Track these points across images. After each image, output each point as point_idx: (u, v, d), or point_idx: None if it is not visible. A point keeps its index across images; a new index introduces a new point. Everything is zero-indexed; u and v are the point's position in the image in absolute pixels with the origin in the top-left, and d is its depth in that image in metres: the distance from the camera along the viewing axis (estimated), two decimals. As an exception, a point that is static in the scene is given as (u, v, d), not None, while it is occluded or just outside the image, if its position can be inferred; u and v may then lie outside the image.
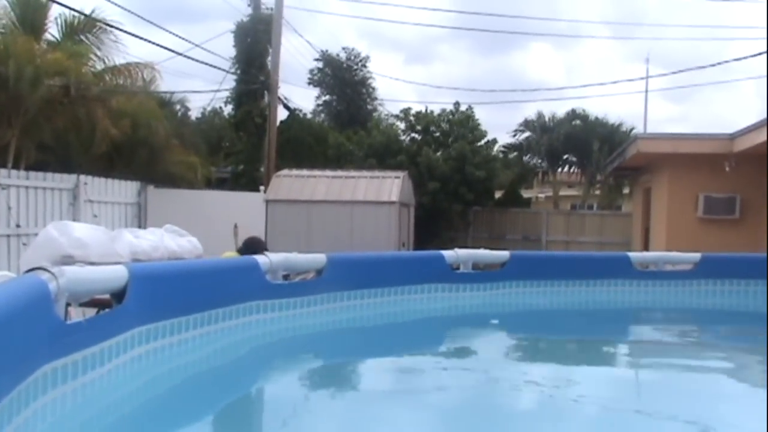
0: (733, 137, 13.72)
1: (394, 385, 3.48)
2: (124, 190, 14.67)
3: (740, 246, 12.98)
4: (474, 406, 3.02)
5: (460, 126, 21.06)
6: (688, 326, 5.79)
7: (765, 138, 12.04)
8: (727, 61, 31.77)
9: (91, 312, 3.27)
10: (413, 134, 21.63)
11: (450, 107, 21.76)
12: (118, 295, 2.94)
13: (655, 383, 3.79)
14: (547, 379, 3.82)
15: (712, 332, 5.51)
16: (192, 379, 3.32)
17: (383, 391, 3.37)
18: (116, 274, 2.94)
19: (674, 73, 34.73)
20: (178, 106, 20.08)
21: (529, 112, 28.89)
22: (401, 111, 22.26)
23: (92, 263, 5.24)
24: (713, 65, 28.55)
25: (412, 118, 21.77)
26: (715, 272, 5.88)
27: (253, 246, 7.19)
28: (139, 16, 15.48)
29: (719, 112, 49.11)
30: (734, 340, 5.10)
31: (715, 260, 6.01)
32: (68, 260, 5.91)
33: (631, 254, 5.98)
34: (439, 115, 21.64)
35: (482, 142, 21.36)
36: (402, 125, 22.08)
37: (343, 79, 25.06)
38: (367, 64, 25.69)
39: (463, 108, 21.66)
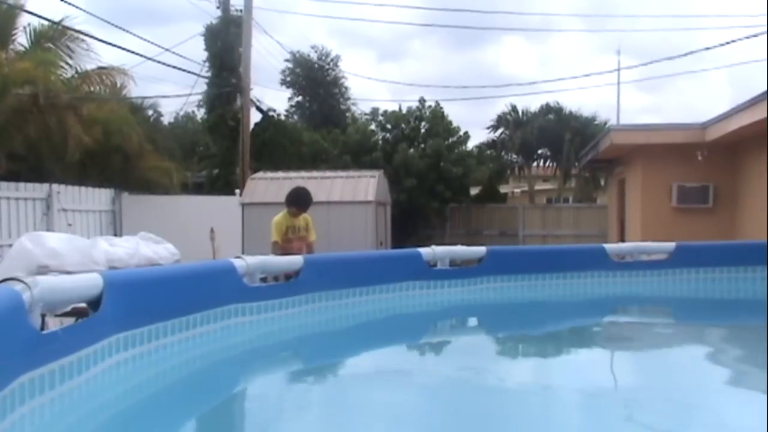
0: (704, 126, 13.89)
1: (375, 385, 3.49)
2: (98, 197, 14.55)
3: (714, 234, 13.15)
4: (456, 403, 3.04)
5: (431, 123, 21.13)
6: (664, 314, 5.87)
7: (735, 127, 12.20)
8: (697, 51, 32.21)
9: (68, 321, 3.24)
10: (385, 133, 21.68)
11: (414, 104, 21.86)
12: (94, 304, 2.91)
13: (634, 372, 3.84)
14: (527, 372, 3.86)
15: (689, 319, 5.58)
16: (171, 385, 3.30)
17: (363, 391, 3.37)
18: (91, 283, 2.91)
19: (645, 64, 35.10)
20: (150, 112, 19.93)
21: (503, 107, 29.04)
22: (371, 111, 22.32)
23: (68, 272, 5.20)
24: (684, 55, 28.93)
25: (381, 117, 21.83)
26: (689, 261, 5.95)
27: (295, 197, 7.26)
28: (107, 21, 15.40)
29: (691, 101, 49.76)
30: (711, 326, 5.18)
31: (690, 249, 6.09)
32: (43, 270, 5.87)
33: (607, 246, 6.04)
34: (406, 112, 21.69)
35: (455, 138, 21.44)
36: (373, 125, 22.14)
37: (315, 79, 25.02)
38: (339, 64, 25.67)
39: (431, 104, 21.74)
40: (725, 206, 14.38)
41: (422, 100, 21.74)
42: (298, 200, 7.28)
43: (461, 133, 21.64)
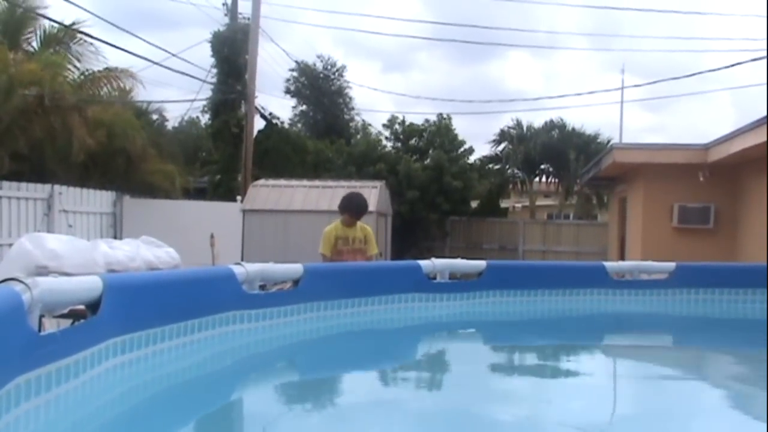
0: (707, 147, 13.91)
1: (372, 396, 3.48)
2: (100, 200, 14.56)
3: (714, 255, 13.13)
4: (452, 417, 3.03)
5: (439, 136, 21.18)
6: (663, 334, 5.86)
7: (737, 149, 12.21)
8: (701, 72, 32.32)
9: (66, 323, 3.24)
10: (397, 143, 21.72)
11: (429, 116, 21.96)
12: (93, 306, 2.91)
13: (632, 390, 3.83)
14: (525, 389, 3.85)
15: (687, 339, 5.58)
16: (167, 390, 3.30)
17: (361, 402, 3.36)
18: (91, 285, 2.91)
19: (650, 83, 35.13)
20: (154, 116, 19.99)
21: (507, 121, 29.15)
22: (388, 120, 22.35)
23: (67, 274, 5.20)
24: (688, 76, 29.00)
25: (397, 126, 21.85)
26: (689, 281, 5.94)
27: (347, 202, 6.62)
28: (115, 25, 15.49)
29: (695, 122, 49.93)
30: (709, 347, 5.17)
31: (690, 269, 6.08)
32: (43, 271, 5.87)
33: (607, 263, 6.03)
34: (421, 125, 21.76)
35: (459, 151, 21.48)
36: (387, 133, 22.15)
37: (319, 88, 25.09)
38: (344, 74, 25.75)
39: (445, 119, 21.82)
40: (726, 227, 14.38)
41: (440, 116, 21.81)
42: (350, 205, 6.63)
43: (465, 147, 21.69)
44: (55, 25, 15.31)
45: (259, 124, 21.25)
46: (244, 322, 4.01)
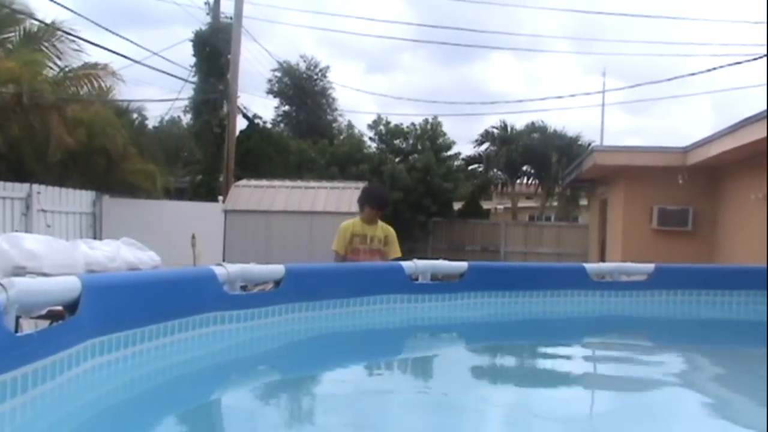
0: (686, 150, 14.05)
1: (353, 398, 3.47)
2: (79, 199, 14.44)
3: (692, 257, 13.27)
4: (433, 420, 3.03)
5: (425, 139, 21.25)
6: (642, 335, 5.90)
7: (716, 152, 12.33)
8: (682, 76, 32.64)
9: (44, 324, 3.21)
10: (381, 144, 21.75)
11: (413, 118, 22.08)
12: (71, 307, 2.88)
13: (612, 390, 3.85)
14: (506, 389, 3.86)
15: (666, 340, 5.62)
16: (147, 392, 3.27)
17: (341, 404, 3.35)
18: (69, 285, 2.88)
19: (631, 86, 35.44)
20: (135, 115, 19.87)
21: (490, 123, 29.29)
22: (372, 121, 22.39)
23: (45, 274, 5.15)
24: (669, 80, 29.28)
25: (382, 127, 21.89)
26: (668, 282, 5.99)
27: (367, 195, 6.11)
28: (95, 23, 15.37)
29: (675, 125, 50.49)
30: (688, 347, 5.21)
31: (669, 271, 6.13)
32: (20, 272, 5.82)
33: (587, 265, 6.06)
34: (406, 127, 21.82)
35: (448, 153, 21.58)
36: (371, 134, 22.20)
37: (302, 89, 25.05)
38: (327, 74, 25.73)
39: (430, 119, 21.91)
40: (704, 230, 14.52)
41: (427, 120, 21.89)
42: (370, 197, 6.07)
43: (453, 151, 21.81)
44: (36, 23, 15.18)
45: (241, 124, 21.20)
46: (225, 323, 3.99)
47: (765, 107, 9.96)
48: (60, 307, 2.97)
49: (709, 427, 3.04)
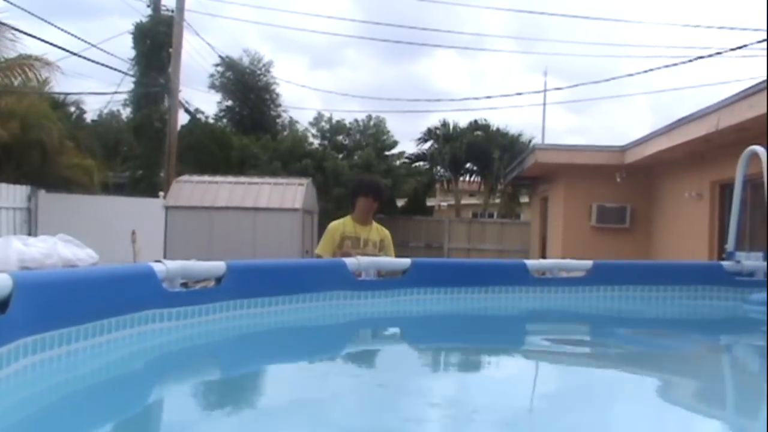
0: (624, 149, 14.40)
1: (295, 396, 3.45)
2: (13, 194, 14.02)
3: (630, 253, 13.62)
4: (375, 416, 3.03)
5: (371, 135, 21.29)
6: (581, 331, 6.02)
7: (652, 151, 12.67)
8: (620, 77, 33.45)
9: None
10: (324, 140, 21.71)
11: (357, 115, 22.08)
12: (2, 305, 2.79)
13: (552, 384, 3.91)
14: (446, 385, 3.89)
15: (603, 335, 5.75)
16: (82, 391, 3.19)
17: (283, 403, 3.33)
18: (-1, 283, 2.79)
19: (572, 86, 36.17)
20: (72, 108, 19.37)
21: (434, 120, 29.45)
22: (314, 118, 22.34)
23: (-25, 271, 4.97)
24: (608, 80, 30.01)
25: (324, 123, 21.84)
26: (606, 278, 6.13)
27: (360, 186, 5.39)
28: (31, 13, 14.92)
29: (615, 124, 51.75)
30: (624, 342, 5.34)
31: (606, 267, 6.27)
32: (-52, 269, 5.59)
33: (528, 261, 6.15)
34: (349, 124, 21.82)
35: (391, 151, 21.66)
36: (313, 130, 22.16)
37: (245, 84, 24.81)
38: (271, 69, 25.53)
39: (374, 116, 21.95)
40: (640, 227, 14.93)
41: (369, 117, 21.91)
42: (363, 185, 5.24)
43: (398, 149, 21.90)
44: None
45: (183, 118, 20.86)
46: (164, 321, 3.92)
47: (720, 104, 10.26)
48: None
49: (651, 417, 3.12)
